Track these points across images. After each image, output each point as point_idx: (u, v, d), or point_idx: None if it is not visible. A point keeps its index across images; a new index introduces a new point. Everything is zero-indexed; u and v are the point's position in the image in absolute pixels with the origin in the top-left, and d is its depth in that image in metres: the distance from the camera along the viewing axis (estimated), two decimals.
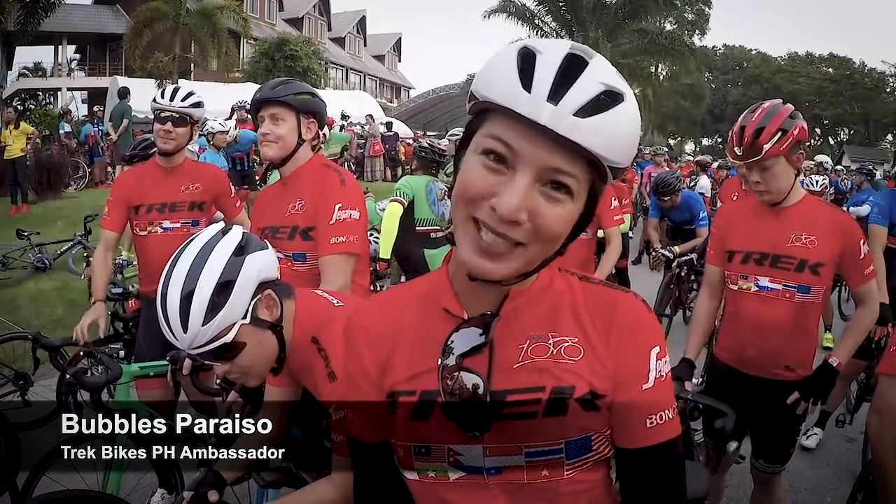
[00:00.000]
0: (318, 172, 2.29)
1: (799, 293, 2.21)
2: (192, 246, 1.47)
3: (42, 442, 2.53)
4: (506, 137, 0.75)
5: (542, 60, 0.74)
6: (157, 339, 2.87)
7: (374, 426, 0.93)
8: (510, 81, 0.74)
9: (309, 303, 1.60)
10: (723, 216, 2.51)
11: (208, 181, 3.07)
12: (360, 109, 18.27)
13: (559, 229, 0.78)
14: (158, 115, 2.90)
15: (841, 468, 3.74)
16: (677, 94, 40.96)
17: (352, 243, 2.16)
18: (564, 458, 0.83)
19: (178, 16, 18.44)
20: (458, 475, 0.86)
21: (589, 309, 0.89)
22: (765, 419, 2.33)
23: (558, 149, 0.73)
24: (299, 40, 23.10)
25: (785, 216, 2.24)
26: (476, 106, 0.80)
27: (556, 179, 0.75)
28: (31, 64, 29.20)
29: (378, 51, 43.11)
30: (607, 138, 0.74)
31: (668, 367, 0.90)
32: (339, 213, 2.16)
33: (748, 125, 2.15)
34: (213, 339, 1.41)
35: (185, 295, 1.40)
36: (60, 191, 12.10)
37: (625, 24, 26.33)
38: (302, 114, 2.26)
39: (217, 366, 1.47)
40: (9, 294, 6.66)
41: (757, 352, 2.28)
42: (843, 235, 2.20)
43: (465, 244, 0.79)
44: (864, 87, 42.82)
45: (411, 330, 0.91)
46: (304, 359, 1.55)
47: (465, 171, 0.78)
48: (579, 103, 0.72)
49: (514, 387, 0.85)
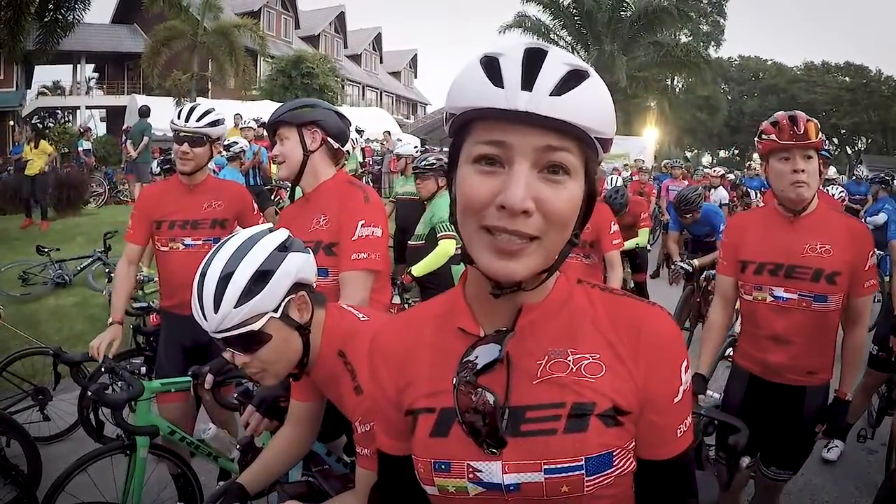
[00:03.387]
0: (341, 189, 2.29)
1: (816, 302, 2.19)
2: (239, 236, 1.51)
3: (62, 455, 2.57)
4: (493, 137, 0.77)
5: (506, 60, 0.77)
6: (177, 355, 3.01)
7: (397, 441, 0.95)
8: (482, 85, 0.76)
9: (337, 316, 1.62)
10: (734, 226, 2.48)
11: (230, 198, 3.06)
12: (377, 126, 18.45)
13: (567, 211, 0.79)
14: (177, 135, 2.91)
15: (862, 480, 3.68)
16: (693, 107, 41.03)
17: (373, 260, 2.17)
18: (584, 474, 0.82)
19: (195, 34, 18.64)
20: (478, 491, 0.85)
21: (614, 323, 0.88)
22: (784, 426, 2.30)
23: (545, 131, 0.76)
24: (316, 58, 23.32)
25: (799, 225, 2.23)
26: (455, 122, 0.82)
27: (551, 161, 0.77)
28: (50, 82, 29.97)
29: (394, 67, 43.56)
30: (586, 110, 0.77)
31: (689, 377, 0.91)
32: (362, 229, 2.16)
33: (798, 116, 2.17)
34: (242, 325, 1.43)
35: (223, 276, 1.43)
36: (80, 207, 12.31)
37: (640, 37, 26.46)
38: (302, 126, 2.26)
39: (238, 356, 1.47)
40: (29, 309, 6.71)
41: (778, 359, 2.26)
42: (857, 244, 2.20)
43: (483, 252, 0.79)
44: (881, 95, 42.61)
45: (429, 348, 0.92)
46: (329, 370, 1.56)
47: (463, 184, 0.79)
48: (552, 84, 0.75)
49: (533, 402, 0.84)
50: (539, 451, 0.82)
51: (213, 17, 19.33)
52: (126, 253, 3.01)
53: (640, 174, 12.94)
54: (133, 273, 3.04)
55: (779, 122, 2.19)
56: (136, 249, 3.01)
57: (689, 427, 0.90)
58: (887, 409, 3.84)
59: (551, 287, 0.89)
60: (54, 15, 12.45)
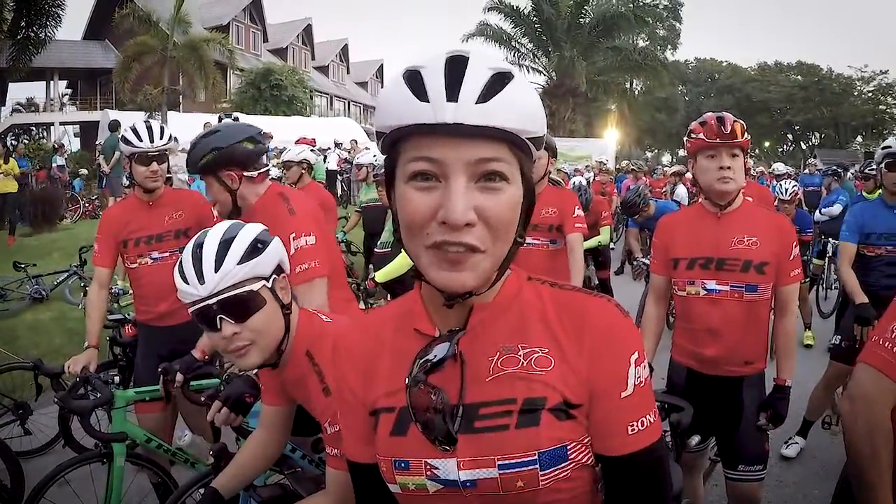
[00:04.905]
0: (269, 205, 2.34)
1: (747, 292, 2.25)
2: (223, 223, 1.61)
3: (44, 469, 2.57)
4: (425, 153, 0.76)
5: (428, 73, 0.76)
6: (154, 365, 3.00)
7: (366, 446, 0.94)
8: (407, 101, 0.76)
9: (305, 317, 1.64)
10: (663, 227, 2.51)
11: (190, 208, 3.09)
12: (346, 135, 18.84)
13: (508, 215, 0.79)
14: (142, 157, 2.88)
15: (827, 462, 3.72)
16: (652, 108, 41.72)
17: (314, 268, 2.21)
18: (539, 468, 0.82)
19: (165, 49, 18.62)
20: (437, 487, 0.86)
21: (559, 317, 0.88)
22: (727, 418, 2.34)
23: (476, 141, 0.75)
24: (284, 70, 23.54)
25: (726, 221, 2.30)
26: (386, 140, 0.81)
27: (486, 171, 0.76)
28: (23, 99, 29.87)
29: (361, 77, 43.83)
30: (515, 112, 0.76)
31: (647, 372, 0.89)
32: (294, 242, 2.19)
33: (725, 117, 2.24)
34: (241, 284, 1.46)
35: (224, 240, 1.50)
36: (55, 223, 12.30)
37: (599, 42, 26.85)
38: (217, 172, 2.32)
39: (228, 325, 1.46)
40: (7, 325, 6.64)
41: (714, 351, 2.30)
42: (779, 235, 2.28)
43: (431, 267, 0.79)
44: (832, 92, 43.74)
45: (388, 349, 0.93)
46: (298, 371, 1.59)
47: (402, 203, 0.79)
48: (476, 91, 0.75)
49: (485, 399, 0.85)
50: (492, 448, 0.83)
51: (183, 31, 19.33)
52: (96, 277, 3.02)
53: (602, 175, 13.45)
54: (104, 296, 3.05)
55: (707, 122, 2.25)
56: (106, 272, 3.02)
57: (650, 427, 0.87)
58: None
59: (501, 285, 0.89)
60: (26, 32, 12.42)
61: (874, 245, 3.55)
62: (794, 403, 2.37)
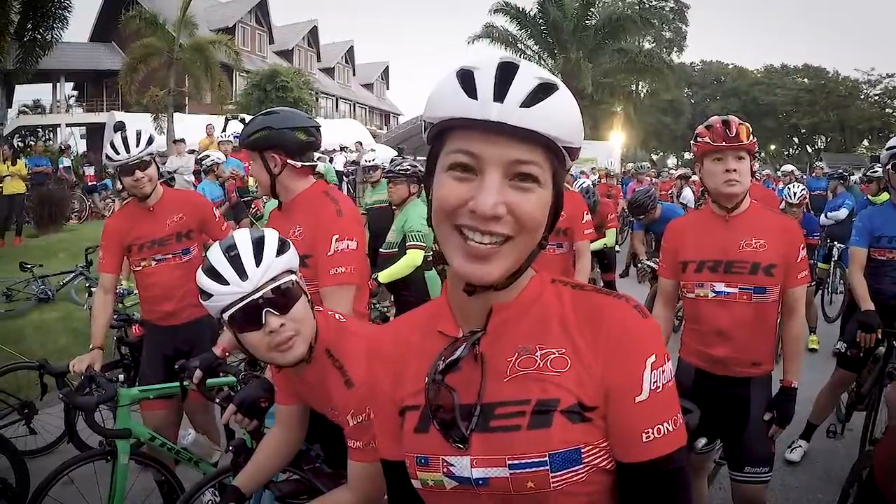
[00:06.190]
0: (316, 201, 2.30)
1: (756, 294, 2.27)
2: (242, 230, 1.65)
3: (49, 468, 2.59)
4: (466, 147, 0.79)
5: (480, 74, 0.80)
6: (159, 364, 3.08)
7: (397, 443, 0.97)
8: (457, 97, 0.79)
9: (321, 315, 1.67)
10: (672, 231, 2.54)
11: (191, 209, 3.11)
12: (351, 137, 18.89)
13: (537, 215, 0.82)
14: (124, 168, 2.89)
15: (830, 467, 3.72)
16: (658, 111, 41.75)
17: (350, 273, 2.17)
18: (549, 470, 0.82)
19: (171, 51, 18.67)
20: (453, 484, 0.88)
21: (577, 318, 0.88)
22: (735, 418, 2.34)
23: (515, 142, 0.79)
24: (290, 72, 23.51)
25: (734, 223, 2.33)
26: (432, 131, 0.85)
27: (520, 171, 0.80)
28: (30, 101, 30.15)
29: (366, 79, 43.84)
30: (554, 121, 0.80)
31: (667, 377, 0.86)
32: (337, 244, 2.17)
33: (731, 120, 2.26)
34: (283, 274, 1.53)
35: (256, 239, 1.56)
36: (62, 224, 12.39)
37: (605, 44, 26.96)
38: (263, 151, 2.29)
39: (274, 317, 1.50)
40: (14, 325, 6.75)
41: (723, 352, 2.32)
42: (787, 237, 2.29)
43: (456, 254, 0.82)
44: (838, 95, 43.62)
45: (416, 350, 0.96)
46: (319, 369, 1.61)
47: (438, 189, 0.82)
48: (522, 96, 0.78)
49: (502, 399, 0.86)
50: (503, 447, 0.84)
51: (189, 33, 19.40)
52: (101, 283, 3.07)
53: (608, 178, 13.47)
54: (110, 301, 3.08)
55: (713, 126, 2.28)
56: (111, 278, 3.06)
57: (668, 435, 0.84)
58: (856, 405, 3.81)
59: (524, 286, 0.91)
60: (33, 34, 12.58)
61: (885, 248, 3.52)
62: (797, 406, 2.37)
